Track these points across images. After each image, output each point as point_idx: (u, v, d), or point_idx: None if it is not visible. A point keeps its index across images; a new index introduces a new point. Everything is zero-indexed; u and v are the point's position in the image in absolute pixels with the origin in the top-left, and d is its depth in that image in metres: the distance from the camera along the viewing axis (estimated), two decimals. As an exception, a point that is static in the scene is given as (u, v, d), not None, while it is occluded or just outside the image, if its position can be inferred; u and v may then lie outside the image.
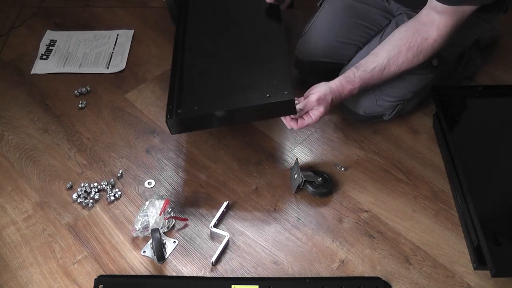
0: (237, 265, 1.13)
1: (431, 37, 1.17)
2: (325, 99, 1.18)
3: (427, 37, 1.17)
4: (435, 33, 1.16)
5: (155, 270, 1.12)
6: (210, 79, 1.27)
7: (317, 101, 1.17)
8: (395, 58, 1.20)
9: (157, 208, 1.16)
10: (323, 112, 1.18)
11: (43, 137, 1.40)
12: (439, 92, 1.37)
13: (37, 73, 1.59)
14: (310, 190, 1.25)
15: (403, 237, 1.18)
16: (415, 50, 1.19)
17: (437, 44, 1.18)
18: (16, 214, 1.22)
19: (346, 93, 1.22)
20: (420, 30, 1.18)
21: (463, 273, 1.12)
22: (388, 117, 1.39)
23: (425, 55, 1.20)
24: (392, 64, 1.21)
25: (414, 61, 1.21)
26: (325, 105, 1.18)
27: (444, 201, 1.25)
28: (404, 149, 1.37)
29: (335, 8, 1.44)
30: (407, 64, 1.21)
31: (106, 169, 1.32)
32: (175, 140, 1.39)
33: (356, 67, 1.23)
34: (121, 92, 1.53)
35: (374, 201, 1.25)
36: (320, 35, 1.42)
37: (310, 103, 1.17)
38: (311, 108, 1.18)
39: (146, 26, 1.77)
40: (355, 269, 1.13)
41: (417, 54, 1.19)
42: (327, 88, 1.19)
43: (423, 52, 1.19)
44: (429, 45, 1.18)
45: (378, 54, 1.22)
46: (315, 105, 1.17)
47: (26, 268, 1.12)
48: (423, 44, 1.18)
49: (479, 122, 1.34)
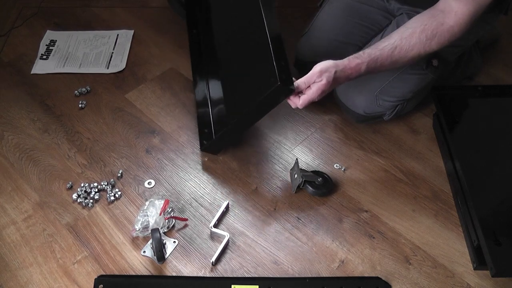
0: (237, 265, 1.13)
1: (448, 23, 1.13)
2: (327, 70, 1.12)
3: (443, 22, 1.13)
4: (452, 20, 1.13)
5: (155, 270, 1.12)
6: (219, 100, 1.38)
7: (320, 72, 1.12)
8: (408, 38, 1.15)
9: (157, 208, 1.16)
10: (325, 84, 1.12)
11: (43, 137, 1.40)
12: (439, 92, 1.37)
13: (37, 73, 1.59)
14: (310, 190, 1.25)
15: (403, 237, 1.18)
16: (429, 33, 1.14)
17: (453, 32, 1.14)
18: (16, 214, 1.22)
19: (352, 67, 1.15)
20: (437, 16, 1.14)
21: (463, 273, 1.12)
22: (388, 117, 1.39)
23: (439, 41, 1.15)
24: (404, 44, 1.15)
25: (426, 45, 1.15)
26: (327, 77, 1.12)
27: (444, 201, 1.25)
28: (404, 149, 1.37)
29: (336, 8, 1.44)
30: (419, 47, 1.15)
31: (106, 169, 1.32)
32: (175, 140, 1.39)
33: (367, 46, 1.19)
34: (121, 92, 1.53)
35: (374, 201, 1.25)
36: (320, 35, 1.42)
37: (312, 74, 1.13)
38: (314, 81, 1.13)
39: (146, 26, 1.77)
40: (355, 269, 1.13)
41: (431, 37, 1.14)
42: (332, 62, 1.14)
43: (437, 37, 1.14)
44: (445, 30, 1.14)
45: (391, 35, 1.18)
46: (317, 76, 1.12)
47: (26, 268, 1.12)
48: (438, 28, 1.14)
49: (479, 122, 1.34)
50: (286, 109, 1.47)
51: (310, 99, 1.14)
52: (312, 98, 1.14)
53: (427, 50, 1.16)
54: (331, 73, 1.12)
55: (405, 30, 1.16)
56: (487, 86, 1.44)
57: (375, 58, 1.15)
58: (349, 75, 1.16)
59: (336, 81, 1.14)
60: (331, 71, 1.12)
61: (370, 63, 1.15)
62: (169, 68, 1.61)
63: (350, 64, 1.15)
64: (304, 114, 1.46)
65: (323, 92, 1.14)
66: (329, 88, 1.14)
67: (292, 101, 1.16)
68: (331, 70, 1.12)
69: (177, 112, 1.47)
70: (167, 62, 1.63)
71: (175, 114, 1.47)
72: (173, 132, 1.42)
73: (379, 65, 1.17)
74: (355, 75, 1.17)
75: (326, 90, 1.14)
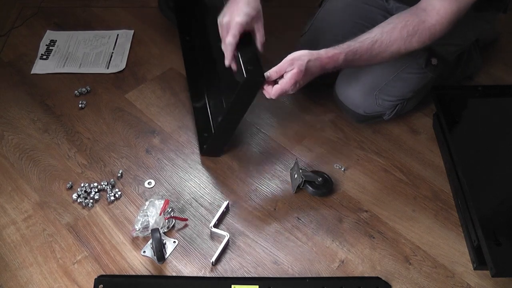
0: (237, 265, 1.13)
1: (429, 21, 1.12)
2: (300, 58, 1.09)
3: (425, 20, 1.13)
4: (434, 18, 1.12)
5: (155, 270, 1.12)
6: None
7: (291, 60, 1.10)
8: (388, 33, 1.14)
9: (157, 208, 1.16)
10: (297, 73, 1.09)
11: (43, 137, 1.40)
12: (439, 92, 1.37)
13: (37, 73, 1.59)
14: (310, 190, 1.25)
15: (403, 237, 1.18)
16: (410, 29, 1.13)
17: (434, 30, 1.13)
18: (16, 214, 1.22)
19: (329, 57, 1.12)
20: (419, 14, 1.14)
21: (463, 273, 1.12)
22: (388, 116, 1.39)
23: (419, 39, 1.14)
24: (384, 39, 1.13)
25: (407, 42, 1.14)
26: (299, 65, 1.09)
27: (444, 201, 1.25)
28: (404, 149, 1.37)
29: (335, 8, 1.44)
30: (400, 43, 1.14)
31: (106, 169, 1.32)
32: (175, 140, 1.39)
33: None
34: (121, 92, 1.53)
35: (374, 201, 1.25)
36: (320, 34, 1.42)
37: (283, 62, 1.10)
38: (285, 70, 1.10)
39: (146, 26, 1.77)
40: (355, 269, 1.13)
41: (412, 34, 1.13)
42: (306, 51, 1.11)
43: (418, 34, 1.13)
44: (426, 28, 1.13)
45: (372, 30, 1.16)
46: (288, 64, 1.10)
47: (26, 268, 1.12)
48: (419, 25, 1.13)
49: (479, 122, 1.34)
50: (286, 109, 1.47)
51: (282, 89, 1.11)
52: (284, 88, 1.11)
53: (408, 46, 1.15)
54: (304, 61, 1.10)
55: (386, 25, 1.15)
56: (487, 86, 1.44)
57: (354, 49, 1.14)
58: (324, 64, 1.13)
59: (309, 70, 1.11)
60: (304, 60, 1.10)
61: (348, 54, 1.13)
62: (169, 68, 1.61)
63: (327, 53, 1.12)
64: (304, 114, 1.46)
65: (296, 82, 1.11)
66: (302, 77, 1.11)
67: (266, 91, 1.14)
68: (303, 59, 1.10)
69: (177, 112, 1.47)
70: (167, 62, 1.63)
71: (175, 114, 1.47)
72: (173, 132, 1.42)
73: (357, 57, 1.15)
74: (332, 65, 1.14)
75: (299, 80, 1.11)
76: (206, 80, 1.50)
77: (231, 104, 1.20)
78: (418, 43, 1.15)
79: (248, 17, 1.13)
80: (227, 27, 1.14)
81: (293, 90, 1.13)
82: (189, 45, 1.61)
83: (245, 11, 1.13)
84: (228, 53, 1.16)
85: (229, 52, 1.16)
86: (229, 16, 1.14)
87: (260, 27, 1.18)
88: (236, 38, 1.14)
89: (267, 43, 1.20)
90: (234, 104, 1.19)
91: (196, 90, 1.49)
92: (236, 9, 1.14)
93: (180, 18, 1.67)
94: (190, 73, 1.54)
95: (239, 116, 1.23)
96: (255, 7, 1.15)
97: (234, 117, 1.24)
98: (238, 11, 1.13)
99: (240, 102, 1.19)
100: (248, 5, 1.14)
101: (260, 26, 1.18)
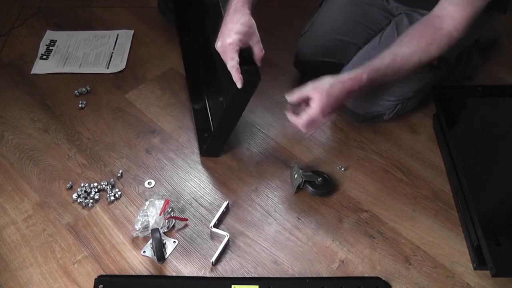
0: (237, 265, 1.13)
1: (446, 28, 1.12)
2: (321, 83, 1.10)
3: (441, 27, 1.12)
4: (450, 25, 1.12)
5: (155, 270, 1.12)
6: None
7: (312, 86, 1.10)
8: (407, 45, 1.13)
9: (157, 208, 1.16)
10: (323, 99, 1.09)
11: (43, 137, 1.40)
12: (439, 92, 1.37)
13: (37, 73, 1.59)
14: (310, 190, 1.25)
15: (403, 237, 1.18)
16: (428, 38, 1.13)
17: (451, 37, 1.13)
18: (16, 214, 1.22)
19: (350, 78, 1.12)
20: (434, 22, 1.13)
21: (463, 273, 1.12)
22: (388, 116, 1.39)
23: (439, 46, 1.14)
24: (404, 52, 1.13)
25: (426, 51, 1.14)
26: (320, 90, 1.09)
27: (444, 201, 1.25)
28: (404, 149, 1.37)
29: (336, 7, 1.44)
30: (420, 53, 1.14)
31: (106, 169, 1.32)
32: (175, 140, 1.39)
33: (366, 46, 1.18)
34: (121, 92, 1.53)
35: (374, 201, 1.25)
36: (320, 34, 1.43)
37: (304, 89, 1.11)
38: (307, 95, 1.11)
39: (146, 26, 1.77)
40: (355, 269, 1.13)
41: (430, 42, 1.13)
42: (327, 76, 1.12)
43: (437, 42, 1.13)
44: (444, 35, 1.13)
45: (390, 46, 1.16)
46: (310, 89, 1.10)
47: (26, 268, 1.12)
48: (436, 33, 1.13)
49: (479, 122, 1.34)
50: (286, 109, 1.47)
51: (311, 117, 1.11)
52: (312, 115, 1.11)
53: (427, 55, 1.15)
54: (325, 86, 1.10)
55: (404, 38, 1.16)
56: (487, 86, 1.44)
57: (376, 67, 1.13)
58: (348, 87, 1.12)
59: (332, 95, 1.10)
60: (324, 84, 1.10)
61: (371, 73, 1.12)
62: (169, 68, 1.61)
63: (349, 75, 1.12)
64: (304, 114, 1.46)
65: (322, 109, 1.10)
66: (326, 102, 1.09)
67: (296, 123, 1.13)
68: (324, 83, 1.11)
69: (177, 112, 1.47)
70: (167, 62, 1.63)
71: (175, 114, 1.47)
72: (173, 132, 1.42)
73: (381, 74, 1.14)
74: (357, 86, 1.12)
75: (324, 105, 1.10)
76: (205, 80, 1.50)
77: (228, 105, 1.20)
78: (438, 50, 1.14)
79: (240, 34, 1.10)
80: (223, 51, 1.12)
81: (323, 119, 1.12)
82: (188, 46, 1.61)
83: (235, 30, 1.11)
84: (235, 75, 1.11)
85: (236, 74, 1.11)
86: (221, 40, 1.12)
87: (255, 41, 1.14)
88: (235, 59, 1.11)
89: (267, 43, 1.20)
90: (231, 105, 1.19)
91: (196, 91, 1.49)
92: (225, 30, 1.12)
93: (179, 19, 1.67)
94: (190, 74, 1.54)
95: (237, 116, 1.23)
96: (245, 23, 1.12)
97: (232, 117, 1.24)
98: (228, 32, 1.11)
99: (237, 102, 1.19)
100: (237, 23, 1.11)
101: (256, 40, 1.14)
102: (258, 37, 1.14)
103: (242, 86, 1.11)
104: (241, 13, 1.12)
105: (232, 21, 1.12)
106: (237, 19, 1.12)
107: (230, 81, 1.13)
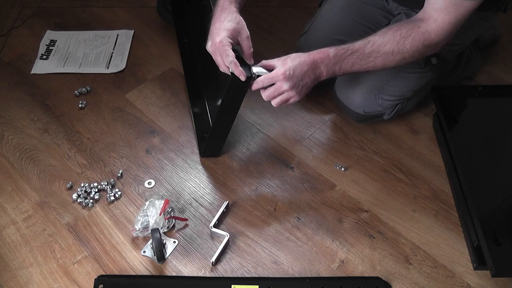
0: (237, 265, 1.13)
1: (424, 27, 1.12)
2: (286, 57, 1.11)
3: (420, 25, 1.12)
4: (430, 26, 1.12)
5: (155, 270, 1.12)
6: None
7: (278, 60, 1.10)
8: (382, 34, 1.13)
9: (157, 208, 1.16)
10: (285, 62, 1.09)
11: (43, 137, 1.40)
12: (439, 92, 1.37)
13: (37, 73, 1.59)
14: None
15: (403, 237, 1.18)
16: (404, 32, 1.12)
17: (428, 37, 1.12)
18: (16, 214, 1.22)
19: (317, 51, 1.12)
20: (415, 21, 1.14)
21: (463, 273, 1.12)
22: (388, 116, 1.39)
23: (413, 42, 1.12)
24: (377, 40, 1.13)
25: (400, 43, 1.12)
26: (284, 57, 1.10)
27: (444, 201, 1.25)
28: (404, 149, 1.37)
29: (336, 7, 1.44)
30: (393, 44, 1.12)
31: (106, 169, 1.32)
32: (175, 140, 1.39)
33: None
34: (121, 92, 1.53)
35: (374, 201, 1.25)
36: (320, 34, 1.43)
37: (267, 61, 1.12)
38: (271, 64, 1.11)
39: (146, 26, 1.77)
40: (355, 269, 1.13)
41: (405, 36, 1.11)
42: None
43: (411, 37, 1.12)
44: (420, 32, 1.12)
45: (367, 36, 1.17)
46: (275, 59, 1.11)
47: (26, 268, 1.12)
48: (413, 29, 1.12)
49: (479, 122, 1.34)
50: (286, 109, 1.47)
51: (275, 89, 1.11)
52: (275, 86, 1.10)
53: (401, 48, 1.13)
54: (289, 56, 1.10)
55: (382, 29, 1.16)
56: (487, 86, 1.44)
57: (345, 46, 1.13)
58: (314, 59, 1.11)
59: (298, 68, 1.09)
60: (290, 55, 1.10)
61: (338, 49, 1.12)
62: (169, 68, 1.61)
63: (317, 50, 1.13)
64: (304, 114, 1.46)
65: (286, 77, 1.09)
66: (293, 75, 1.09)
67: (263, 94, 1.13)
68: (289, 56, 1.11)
69: (177, 112, 1.47)
70: (167, 62, 1.63)
71: (175, 114, 1.47)
72: (173, 132, 1.42)
73: (349, 55, 1.13)
74: (323, 59, 1.12)
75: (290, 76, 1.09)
76: (205, 81, 1.50)
77: (221, 104, 1.19)
78: (412, 46, 1.13)
79: (227, 31, 1.10)
80: (214, 50, 1.12)
81: (293, 94, 1.11)
82: (187, 47, 1.61)
83: (223, 28, 1.11)
84: (236, 70, 1.09)
85: (236, 68, 1.09)
86: (211, 40, 1.12)
87: (244, 37, 1.13)
88: (231, 55, 1.09)
89: (267, 43, 1.20)
90: (224, 104, 1.18)
91: (195, 92, 1.49)
92: (213, 30, 1.12)
93: (178, 21, 1.67)
94: (189, 75, 1.54)
95: (232, 115, 1.23)
96: (232, 20, 1.11)
97: (227, 116, 1.23)
98: (216, 31, 1.11)
99: (229, 101, 1.18)
100: (224, 21, 1.11)
101: (244, 36, 1.13)
102: (248, 33, 1.13)
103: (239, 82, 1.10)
104: (228, 11, 1.13)
105: (220, 20, 1.12)
106: (224, 17, 1.12)
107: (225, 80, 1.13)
